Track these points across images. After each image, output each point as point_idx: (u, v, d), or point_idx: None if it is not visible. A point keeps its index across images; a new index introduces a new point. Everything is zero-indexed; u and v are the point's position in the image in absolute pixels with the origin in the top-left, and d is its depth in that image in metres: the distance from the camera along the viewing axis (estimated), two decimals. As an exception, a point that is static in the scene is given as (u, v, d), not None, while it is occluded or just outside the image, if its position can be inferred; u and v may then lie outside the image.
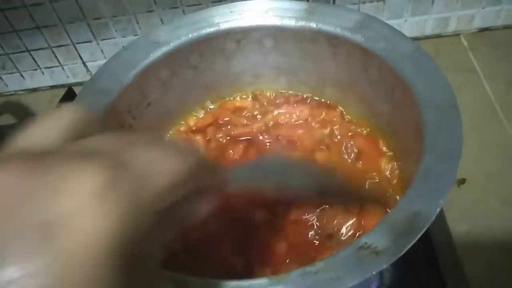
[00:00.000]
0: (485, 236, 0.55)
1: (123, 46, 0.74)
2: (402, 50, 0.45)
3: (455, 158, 0.37)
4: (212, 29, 0.51)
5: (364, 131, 0.53)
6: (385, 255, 0.33)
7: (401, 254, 0.33)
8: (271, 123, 0.55)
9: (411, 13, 0.74)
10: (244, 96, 0.58)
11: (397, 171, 0.49)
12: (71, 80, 0.84)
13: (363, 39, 0.47)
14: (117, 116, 0.48)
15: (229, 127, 0.55)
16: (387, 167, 0.50)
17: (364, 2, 0.72)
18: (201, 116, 0.58)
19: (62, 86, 0.84)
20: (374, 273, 0.33)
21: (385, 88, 0.48)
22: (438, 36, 0.78)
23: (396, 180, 0.49)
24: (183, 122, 0.57)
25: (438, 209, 0.35)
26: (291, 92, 0.58)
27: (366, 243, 0.35)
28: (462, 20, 0.76)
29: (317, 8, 0.50)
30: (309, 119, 0.55)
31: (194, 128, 0.56)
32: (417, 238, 0.34)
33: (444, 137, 0.39)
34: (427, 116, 0.41)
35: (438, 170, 0.37)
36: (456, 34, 0.78)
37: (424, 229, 0.34)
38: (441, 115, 0.40)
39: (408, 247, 0.34)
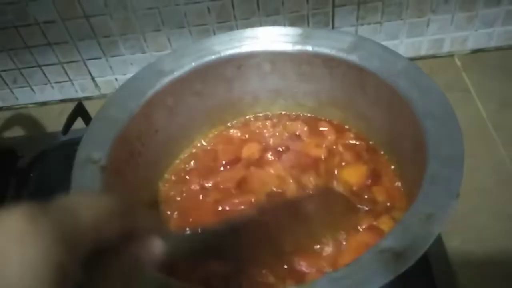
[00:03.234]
0: (477, 249, 0.57)
1: (131, 63, 0.80)
2: (396, 67, 0.49)
3: (459, 162, 0.40)
4: (213, 57, 0.54)
5: (366, 146, 0.55)
6: (405, 257, 0.35)
7: (420, 255, 0.35)
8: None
9: (407, 34, 0.79)
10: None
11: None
12: (80, 94, 0.86)
13: (358, 59, 0.50)
14: (127, 143, 0.49)
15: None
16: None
17: (362, 24, 0.76)
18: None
19: (71, 100, 0.86)
20: (398, 274, 0.35)
21: (382, 103, 0.51)
22: (433, 56, 0.82)
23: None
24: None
25: (451, 211, 0.37)
26: (290, 112, 0.60)
27: (385, 246, 0.37)
28: (456, 41, 0.81)
29: (312, 32, 0.53)
30: (305, 139, 0.58)
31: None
32: (433, 239, 0.36)
33: (445, 143, 0.42)
34: (427, 126, 0.44)
35: (444, 174, 0.39)
36: (450, 55, 0.82)
37: (440, 230, 0.37)
38: (440, 123, 0.43)
39: (426, 247, 0.36)
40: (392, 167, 0.53)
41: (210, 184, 0.54)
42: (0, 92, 0.86)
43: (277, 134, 0.59)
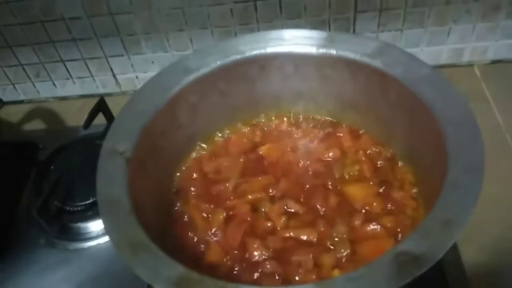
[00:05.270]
0: (492, 259, 0.57)
1: (152, 62, 0.81)
2: (419, 74, 0.49)
3: (480, 169, 0.40)
4: (238, 57, 0.54)
5: (386, 155, 0.56)
6: (423, 260, 0.36)
7: (438, 259, 0.36)
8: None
9: (427, 43, 0.79)
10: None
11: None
12: (101, 90, 0.88)
13: (381, 64, 0.51)
14: (151, 137, 0.50)
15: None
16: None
17: (382, 31, 0.77)
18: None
19: (91, 96, 0.87)
20: (415, 277, 0.35)
21: (404, 110, 0.51)
22: (453, 66, 0.82)
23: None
24: (204, 145, 0.60)
25: (470, 217, 0.38)
26: (309, 115, 0.61)
27: (404, 249, 0.37)
28: (476, 51, 0.81)
29: (337, 36, 0.54)
30: (328, 146, 0.58)
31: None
32: (451, 244, 0.37)
33: (466, 150, 0.42)
34: (448, 133, 0.44)
35: (465, 181, 0.40)
36: (470, 65, 0.82)
37: (459, 236, 0.37)
38: (461, 131, 0.44)
39: (444, 252, 0.37)
40: (409, 174, 0.54)
41: (226, 176, 0.56)
42: (23, 85, 0.88)
43: (295, 136, 0.60)
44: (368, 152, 0.56)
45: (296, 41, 0.55)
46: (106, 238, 0.65)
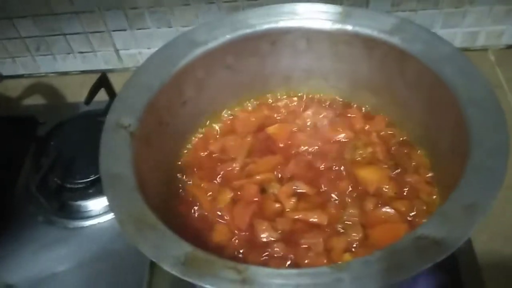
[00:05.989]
0: (504, 247, 0.56)
1: (156, 38, 0.77)
2: (440, 52, 0.47)
3: (504, 151, 0.38)
4: (248, 30, 0.52)
5: (400, 138, 0.54)
6: (444, 245, 0.34)
7: (460, 244, 0.34)
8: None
9: (442, 25, 0.76)
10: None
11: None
12: (102, 66, 0.85)
13: (400, 41, 0.49)
14: (156, 112, 0.48)
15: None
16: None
17: (396, 11, 0.74)
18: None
19: (92, 71, 0.84)
20: (436, 262, 0.33)
21: (422, 90, 0.49)
22: (466, 49, 0.80)
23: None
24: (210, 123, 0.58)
25: (494, 201, 0.36)
26: (320, 94, 0.59)
27: (423, 233, 0.35)
28: (491, 35, 0.78)
29: (353, 11, 0.51)
30: (339, 127, 0.56)
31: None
32: (474, 228, 0.35)
33: (489, 133, 0.40)
34: (470, 114, 0.42)
35: (488, 164, 0.38)
36: (484, 49, 0.80)
37: (481, 220, 0.35)
38: (484, 112, 0.42)
39: (467, 237, 0.35)
40: (424, 157, 0.52)
41: (233, 156, 0.54)
42: (23, 59, 0.85)
43: (305, 116, 0.58)
44: (381, 134, 0.54)
45: (310, 15, 0.52)
46: (106, 217, 0.63)
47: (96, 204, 0.64)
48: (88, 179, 0.65)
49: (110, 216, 0.63)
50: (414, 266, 0.33)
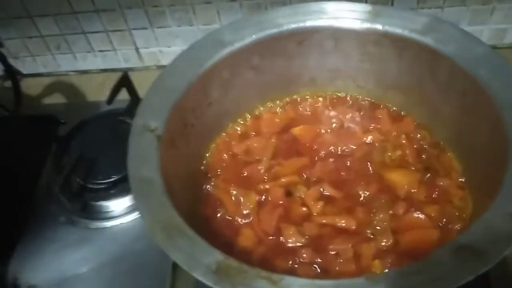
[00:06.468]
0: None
1: (177, 36, 0.77)
2: (475, 53, 0.45)
3: (548, 158, 0.36)
4: (275, 30, 0.51)
5: (430, 141, 0.52)
6: (486, 256, 0.33)
7: (504, 254, 0.33)
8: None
9: (468, 22, 0.74)
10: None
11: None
12: (123, 65, 0.84)
13: (432, 41, 0.47)
14: (182, 114, 0.48)
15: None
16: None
17: (422, 8, 0.72)
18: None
19: (113, 70, 0.84)
20: (478, 274, 0.32)
21: (454, 91, 0.47)
22: (494, 47, 0.76)
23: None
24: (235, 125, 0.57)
25: (537, 210, 0.34)
26: (347, 95, 0.58)
27: (463, 243, 0.34)
28: None
29: (383, 10, 0.50)
30: (367, 129, 0.55)
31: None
32: (517, 239, 0.33)
33: (530, 138, 0.38)
34: (508, 118, 0.40)
35: (530, 171, 0.36)
36: None
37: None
38: (524, 116, 0.40)
39: (509, 249, 0.33)
40: (455, 161, 0.50)
41: (257, 157, 0.53)
42: (43, 58, 0.85)
43: (331, 117, 0.56)
44: (410, 136, 0.53)
45: (338, 14, 0.51)
46: (128, 218, 0.63)
47: (118, 205, 0.64)
48: (110, 180, 0.64)
49: (132, 216, 0.62)
50: (454, 279, 0.32)
